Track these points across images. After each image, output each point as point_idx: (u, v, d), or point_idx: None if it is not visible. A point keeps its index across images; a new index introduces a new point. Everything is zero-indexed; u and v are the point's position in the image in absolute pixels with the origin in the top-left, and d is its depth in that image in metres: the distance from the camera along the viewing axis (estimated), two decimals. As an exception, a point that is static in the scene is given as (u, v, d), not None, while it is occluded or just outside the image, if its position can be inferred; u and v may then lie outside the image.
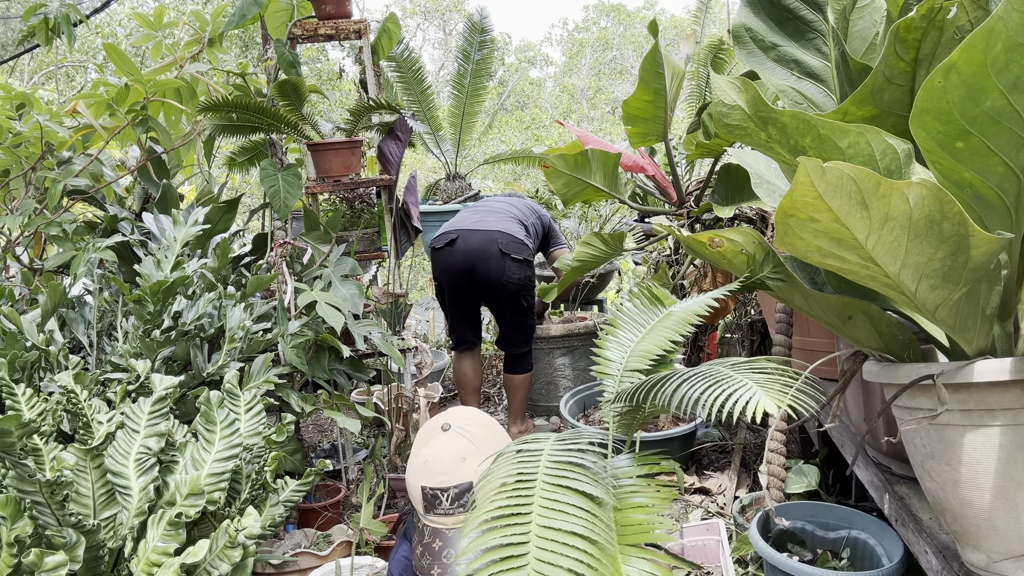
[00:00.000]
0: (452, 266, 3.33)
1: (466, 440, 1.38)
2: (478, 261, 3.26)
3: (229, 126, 2.87)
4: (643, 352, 1.31)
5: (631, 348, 1.35)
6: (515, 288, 3.33)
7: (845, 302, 1.12)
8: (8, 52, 6.64)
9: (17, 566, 1.35)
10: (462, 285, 3.37)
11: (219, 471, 1.73)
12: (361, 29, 3.06)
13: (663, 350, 1.30)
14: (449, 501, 1.35)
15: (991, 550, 1.04)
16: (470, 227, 3.32)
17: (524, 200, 3.72)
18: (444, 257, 3.35)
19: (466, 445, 1.38)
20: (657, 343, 1.31)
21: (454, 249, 3.30)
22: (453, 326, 3.52)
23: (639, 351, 1.32)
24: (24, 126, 2.68)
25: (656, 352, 1.30)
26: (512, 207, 3.54)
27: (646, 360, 1.29)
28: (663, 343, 1.30)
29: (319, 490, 2.79)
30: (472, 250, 3.26)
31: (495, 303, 3.43)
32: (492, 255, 3.25)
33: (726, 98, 1.05)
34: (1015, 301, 1.04)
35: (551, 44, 35.28)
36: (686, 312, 1.34)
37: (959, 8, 0.96)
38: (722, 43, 3.89)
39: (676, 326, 1.32)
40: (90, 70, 9.57)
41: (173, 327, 2.17)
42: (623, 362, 1.33)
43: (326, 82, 9.53)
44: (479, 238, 3.27)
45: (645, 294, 1.43)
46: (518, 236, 3.33)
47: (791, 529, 2.00)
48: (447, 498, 1.35)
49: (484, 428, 1.42)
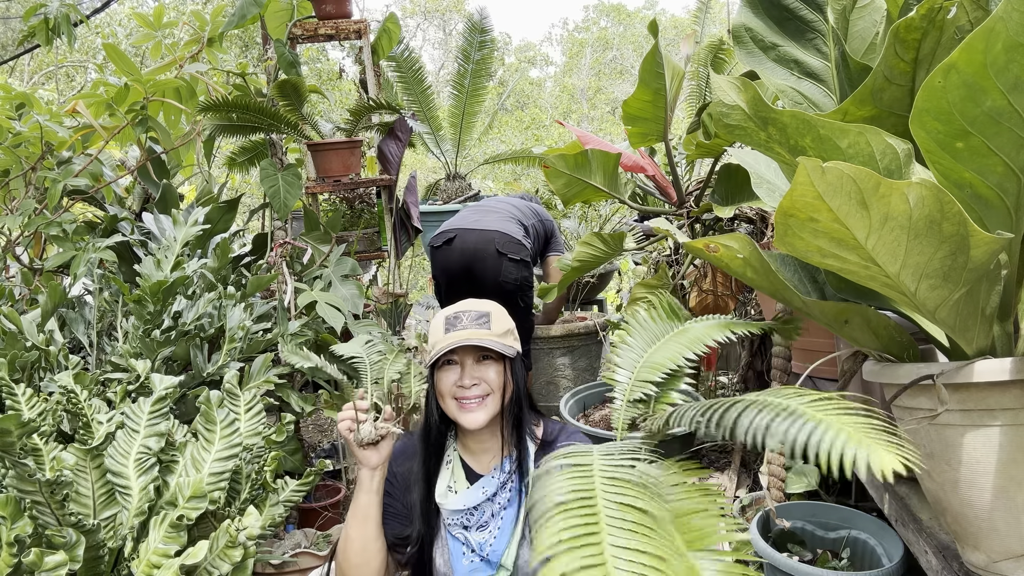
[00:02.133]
0: (450, 265, 3.32)
1: (487, 303, 1.58)
2: (475, 261, 3.26)
3: (229, 126, 2.87)
4: (656, 364, 1.31)
5: (644, 358, 1.34)
6: (511, 288, 3.32)
7: (841, 307, 1.12)
8: (8, 52, 6.64)
9: (17, 566, 1.35)
10: (459, 284, 3.35)
11: (219, 471, 1.73)
12: (361, 29, 3.06)
13: (676, 365, 1.30)
14: (468, 319, 1.50)
15: (991, 550, 1.04)
16: (469, 226, 3.31)
17: (528, 202, 3.68)
18: (442, 256, 3.34)
19: (487, 303, 1.58)
20: (671, 356, 1.30)
21: (452, 248, 3.29)
22: None
23: (652, 362, 1.32)
24: (24, 126, 2.68)
25: (669, 366, 1.29)
26: (513, 207, 3.51)
27: (658, 372, 1.29)
28: (676, 357, 1.29)
29: (319, 490, 2.79)
30: (469, 249, 3.25)
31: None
32: (489, 255, 3.24)
33: (726, 98, 1.05)
34: (1015, 301, 1.04)
35: (551, 44, 35.27)
36: (704, 331, 1.34)
37: (959, 8, 0.96)
38: (722, 43, 3.89)
39: (691, 343, 1.31)
40: (90, 70, 9.57)
41: (173, 327, 2.17)
42: (635, 371, 1.33)
43: (326, 82, 9.53)
44: (476, 237, 3.26)
45: (663, 306, 1.42)
46: (516, 236, 3.33)
47: (791, 529, 2.00)
48: (466, 317, 1.51)
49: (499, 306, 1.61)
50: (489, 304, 1.57)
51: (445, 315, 1.54)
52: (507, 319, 1.57)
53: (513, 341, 1.55)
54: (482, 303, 1.57)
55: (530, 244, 3.43)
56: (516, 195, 3.86)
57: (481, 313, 1.53)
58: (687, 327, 1.38)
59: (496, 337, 1.49)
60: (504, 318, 1.56)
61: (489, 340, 1.48)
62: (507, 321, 1.57)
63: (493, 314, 1.54)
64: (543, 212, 3.63)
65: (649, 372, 1.31)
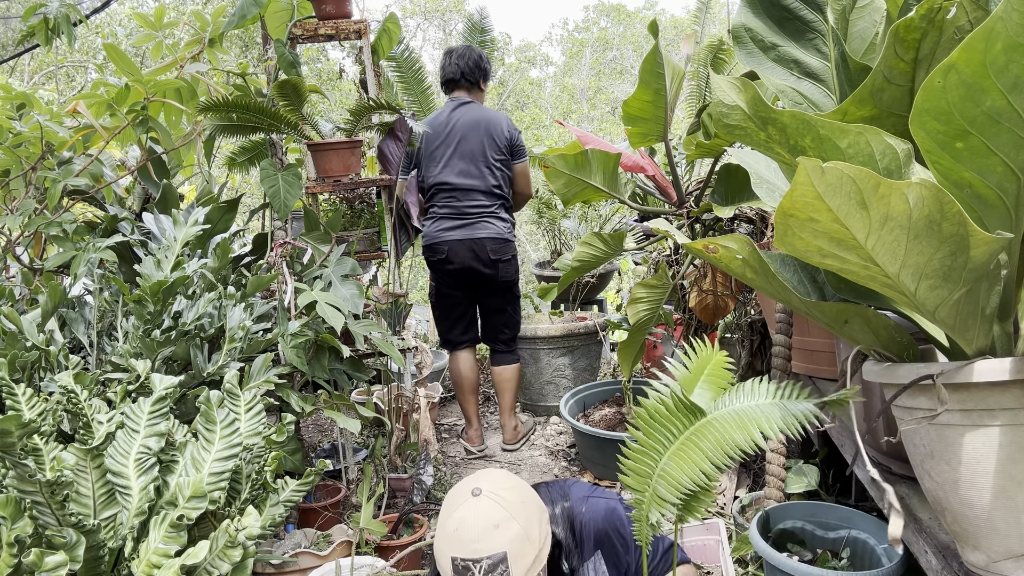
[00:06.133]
0: (450, 275, 3.44)
1: (498, 506, 1.28)
2: (472, 273, 3.41)
3: (229, 126, 2.87)
4: (675, 480, 1.13)
5: (660, 464, 1.16)
6: (509, 282, 3.51)
7: (840, 307, 1.12)
8: (8, 52, 6.63)
9: (17, 566, 1.35)
10: (461, 290, 3.49)
11: (219, 471, 1.73)
12: (361, 29, 3.06)
13: (697, 485, 1.12)
14: (482, 573, 1.24)
15: (991, 550, 1.04)
16: (457, 238, 3.36)
17: (490, 131, 3.39)
18: (440, 267, 3.45)
19: (498, 511, 1.27)
20: (689, 472, 1.12)
21: (448, 261, 3.40)
22: (453, 324, 3.54)
23: (670, 475, 1.14)
24: (24, 126, 2.68)
25: (689, 486, 1.13)
26: (482, 164, 3.34)
27: (677, 492, 1.13)
28: (696, 475, 1.11)
29: (319, 490, 2.79)
30: (466, 264, 3.38)
31: (491, 301, 3.54)
32: (485, 263, 3.39)
33: (726, 98, 1.05)
34: (1015, 301, 1.04)
35: (551, 44, 35.26)
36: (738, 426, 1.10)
37: (959, 8, 0.96)
38: (722, 43, 3.89)
39: (714, 450, 1.11)
40: (90, 70, 9.57)
41: (173, 327, 2.17)
42: (652, 481, 1.15)
43: (326, 82, 9.52)
44: (467, 249, 3.35)
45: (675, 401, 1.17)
46: (501, 232, 3.41)
47: (791, 529, 2.00)
48: (479, 570, 1.25)
49: (516, 492, 1.33)
50: (502, 537, 1.25)
51: (451, 556, 1.26)
52: (528, 544, 1.26)
53: (539, 562, 1.28)
54: (492, 539, 1.25)
55: (507, 201, 3.48)
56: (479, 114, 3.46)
57: (496, 561, 1.23)
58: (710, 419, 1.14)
59: None
60: (525, 547, 1.26)
61: None
62: (529, 548, 1.26)
63: (511, 556, 1.24)
64: (502, 123, 3.41)
65: (667, 490, 1.14)
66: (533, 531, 1.28)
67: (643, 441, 1.21)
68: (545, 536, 1.32)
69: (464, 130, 3.37)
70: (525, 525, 1.27)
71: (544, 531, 1.32)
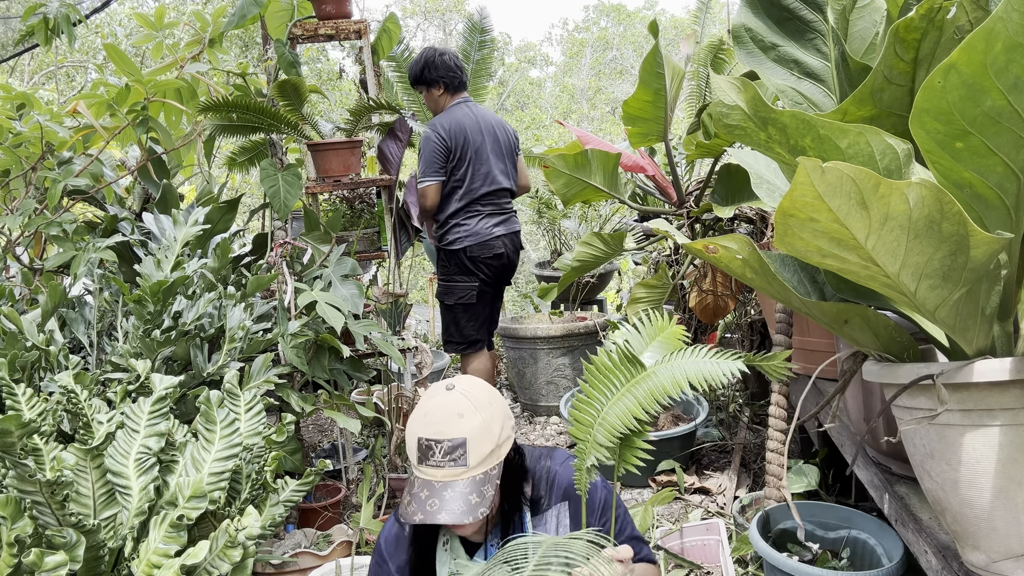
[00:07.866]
0: (496, 271, 3.46)
1: (466, 400, 1.43)
2: (511, 267, 3.52)
3: (229, 126, 2.87)
4: (611, 426, 1.28)
5: (600, 413, 1.30)
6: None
7: (841, 307, 1.12)
8: (8, 52, 6.64)
9: (17, 566, 1.35)
10: (496, 286, 3.55)
11: (219, 471, 1.73)
12: (361, 29, 3.06)
13: (628, 429, 1.26)
14: (441, 453, 1.38)
15: (991, 550, 1.04)
16: (504, 232, 3.41)
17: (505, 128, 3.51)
18: (490, 264, 3.42)
19: (465, 403, 1.42)
20: (624, 418, 1.26)
21: (501, 256, 3.42)
22: (483, 323, 3.52)
23: (608, 422, 1.28)
24: (24, 126, 2.68)
25: (621, 430, 1.27)
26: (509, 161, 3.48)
27: (612, 436, 1.27)
28: (629, 420, 1.26)
29: (319, 490, 2.79)
30: (511, 259, 3.48)
31: (503, 292, 3.66)
32: (517, 255, 3.52)
33: (726, 98, 1.05)
34: (1015, 301, 1.04)
35: (551, 44, 35.23)
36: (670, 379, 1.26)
37: (959, 8, 0.96)
38: (722, 43, 3.89)
39: (646, 398, 1.25)
40: (90, 70, 9.57)
41: (173, 327, 2.17)
42: (593, 429, 1.29)
43: (326, 82, 9.52)
44: (511, 243, 3.46)
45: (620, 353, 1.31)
46: (519, 224, 3.58)
47: (791, 529, 2.00)
48: (440, 450, 1.39)
49: (484, 393, 1.47)
50: (465, 425, 1.39)
51: (418, 436, 1.41)
52: (488, 436, 1.40)
53: (496, 455, 1.41)
54: (456, 424, 1.39)
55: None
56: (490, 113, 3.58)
57: (455, 444, 1.37)
58: (648, 372, 1.29)
59: (473, 472, 1.38)
60: (484, 438, 1.40)
61: (461, 499, 1.35)
62: (488, 439, 1.40)
63: (470, 441, 1.38)
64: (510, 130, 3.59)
65: (604, 436, 1.27)
66: (494, 427, 1.42)
67: (588, 392, 1.34)
68: (505, 437, 1.45)
69: (492, 129, 3.41)
70: (487, 419, 1.42)
71: (505, 432, 1.45)
